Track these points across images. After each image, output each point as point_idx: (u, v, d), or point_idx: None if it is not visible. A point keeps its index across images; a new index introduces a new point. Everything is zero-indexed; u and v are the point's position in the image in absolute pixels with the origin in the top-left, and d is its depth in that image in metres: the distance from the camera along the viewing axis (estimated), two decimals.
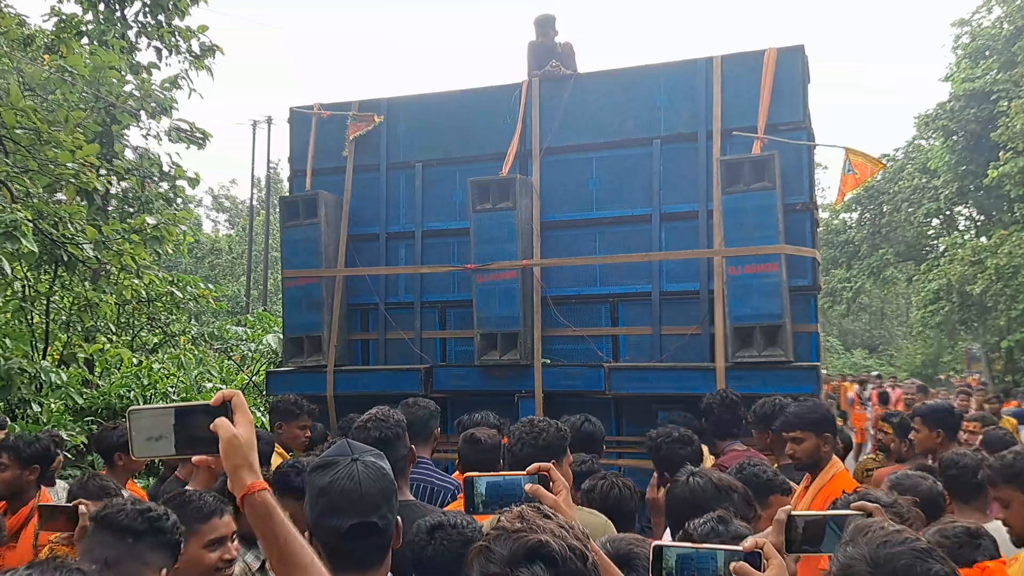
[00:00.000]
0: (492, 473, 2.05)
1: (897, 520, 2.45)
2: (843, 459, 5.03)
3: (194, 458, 1.75)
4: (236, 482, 1.67)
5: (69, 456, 7.18)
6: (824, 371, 26.19)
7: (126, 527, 2.24)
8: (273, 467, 4.45)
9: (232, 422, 1.71)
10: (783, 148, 5.96)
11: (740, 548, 1.81)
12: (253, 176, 32.59)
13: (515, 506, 1.57)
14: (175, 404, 1.80)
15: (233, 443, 1.68)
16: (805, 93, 6.18)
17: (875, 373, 29.54)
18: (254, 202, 34.64)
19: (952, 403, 6.45)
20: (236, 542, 2.72)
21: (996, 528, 3.00)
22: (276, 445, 5.22)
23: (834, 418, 4.19)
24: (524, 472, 2.02)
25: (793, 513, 2.07)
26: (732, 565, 1.77)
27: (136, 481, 5.53)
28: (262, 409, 10.19)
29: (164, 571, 2.27)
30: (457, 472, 4.43)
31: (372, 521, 1.92)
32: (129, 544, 2.21)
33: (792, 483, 4.25)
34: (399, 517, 2.06)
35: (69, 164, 7.29)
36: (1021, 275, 20.96)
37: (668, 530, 2.84)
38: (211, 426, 1.70)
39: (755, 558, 1.79)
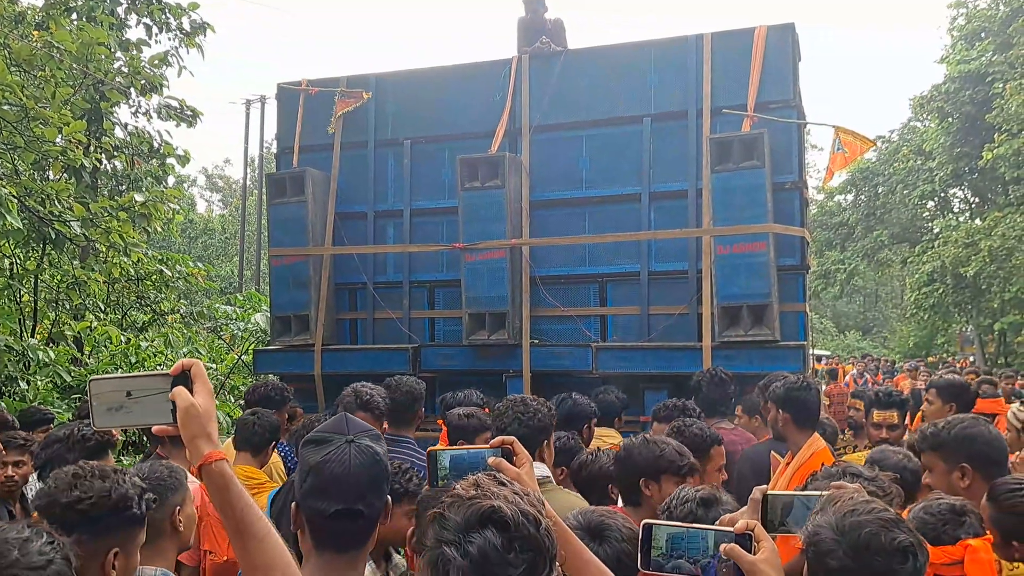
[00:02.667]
0: (456, 447, 2.05)
1: (880, 494, 2.44)
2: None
3: (154, 428, 1.73)
4: (193, 452, 1.65)
5: None
6: (826, 352, 26.20)
7: (58, 520, 2.18)
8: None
9: (191, 391, 1.69)
10: (773, 127, 5.92)
11: (731, 529, 1.80)
12: (246, 155, 32.33)
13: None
14: (135, 374, 1.78)
15: (191, 412, 1.66)
16: (795, 71, 6.14)
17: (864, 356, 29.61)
18: (247, 182, 34.48)
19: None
20: None
21: None
22: None
23: (802, 400, 4.17)
24: (488, 446, 2.02)
25: (769, 492, 2.05)
26: (723, 547, 1.76)
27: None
28: None
29: (113, 552, 2.21)
30: None
31: (357, 508, 1.89)
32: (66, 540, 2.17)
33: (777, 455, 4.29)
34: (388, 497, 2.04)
35: (56, 141, 7.25)
36: (1015, 257, 21.00)
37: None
38: (170, 395, 1.68)
39: (746, 540, 1.77)
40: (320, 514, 1.87)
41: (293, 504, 1.94)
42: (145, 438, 6.24)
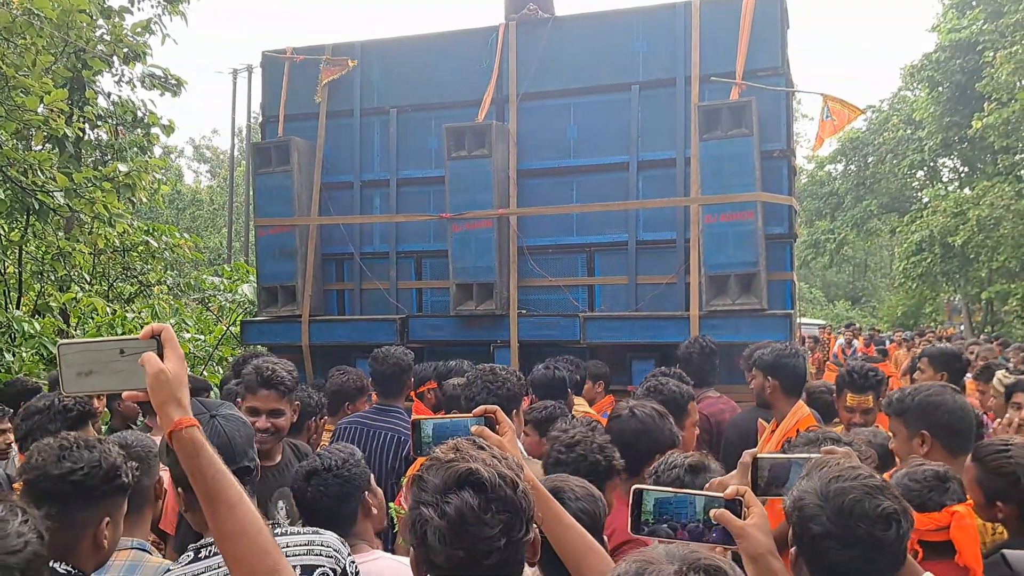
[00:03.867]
0: (439, 415, 2.06)
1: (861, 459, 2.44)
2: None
3: (124, 394, 1.72)
4: (163, 418, 1.63)
5: None
6: (822, 321, 26.32)
7: (49, 493, 2.18)
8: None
9: (161, 357, 1.67)
10: (761, 94, 5.87)
11: (721, 495, 1.80)
12: (234, 125, 32.05)
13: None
14: (105, 338, 1.76)
15: (160, 378, 1.64)
16: (784, 38, 6.08)
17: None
18: (236, 152, 34.23)
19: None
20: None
21: None
22: None
23: (791, 367, 4.19)
24: (471, 414, 2.02)
25: (759, 455, 2.05)
26: (712, 512, 1.77)
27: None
28: None
29: (106, 521, 2.23)
30: None
31: (245, 465, 2.12)
32: (55, 512, 2.14)
33: (764, 422, 4.32)
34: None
35: (38, 110, 7.14)
36: (1003, 227, 21.07)
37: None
38: (139, 360, 1.65)
39: (736, 505, 1.78)
40: None
41: (179, 489, 2.07)
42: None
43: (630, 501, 1.82)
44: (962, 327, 28.93)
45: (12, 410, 4.45)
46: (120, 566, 2.42)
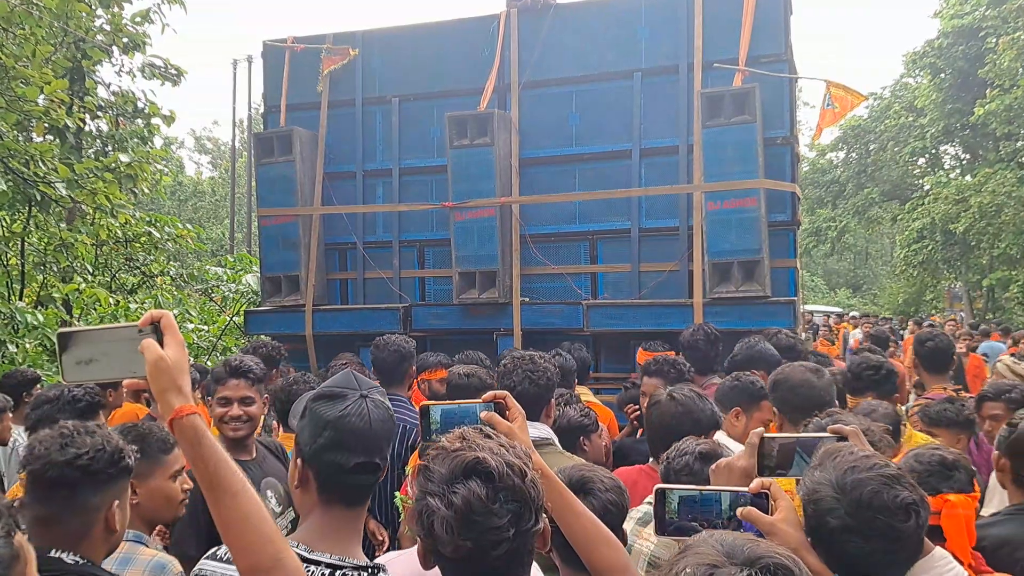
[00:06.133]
0: (447, 401, 2.04)
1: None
2: None
3: (124, 381, 1.71)
4: (164, 406, 1.60)
5: None
6: (837, 309, 26.30)
7: (57, 480, 2.17)
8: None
9: (161, 344, 1.64)
10: (764, 81, 5.85)
11: (746, 490, 1.78)
12: (235, 116, 32.01)
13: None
14: (104, 326, 1.75)
15: (160, 365, 1.61)
16: (787, 25, 6.05)
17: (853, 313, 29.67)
18: (237, 143, 34.15)
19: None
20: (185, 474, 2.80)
21: None
22: None
23: (783, 359, 4.21)
24: (480, 400, 2.00)
25: (766, 435, 2.04)
26: (739, 510, 1.74)
27: None
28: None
29: (115, 503, 2.23)
30: None
31: (375, 461, 1.89)
32: (65, 496, 2.14)
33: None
34: None
35: (38, 100, 7.13)
36: (1004, 214, 21.03)
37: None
38: (139, 348, 1.63)
39: (762, 499, 1.75)
40: (339, 468, 1.85)
41: (299, 460, 1.91)
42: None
43: (654, 501, 1.79)
44: (963, 314, 28.90)
45: (13, 401, 4.46)
46: (114, 558, 2.43)
